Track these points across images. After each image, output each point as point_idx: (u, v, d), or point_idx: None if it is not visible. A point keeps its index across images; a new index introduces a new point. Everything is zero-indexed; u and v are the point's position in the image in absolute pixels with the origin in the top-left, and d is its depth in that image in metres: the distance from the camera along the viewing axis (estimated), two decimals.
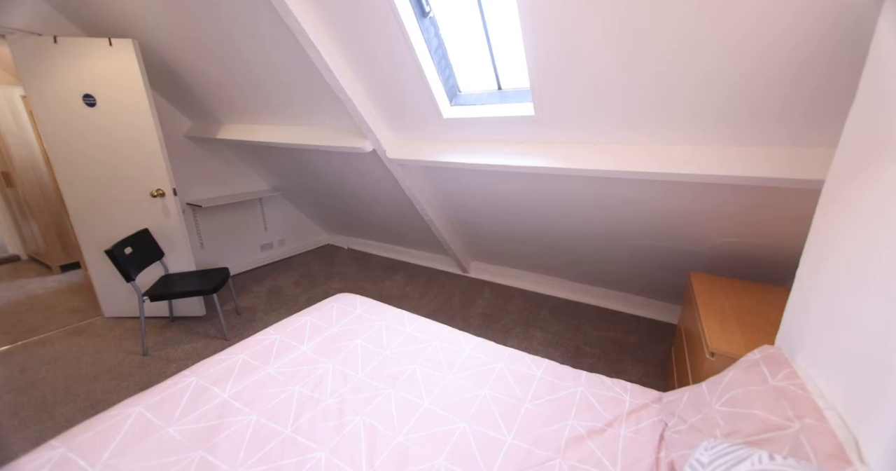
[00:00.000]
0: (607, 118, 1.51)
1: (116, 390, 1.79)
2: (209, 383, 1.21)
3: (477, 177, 2.13)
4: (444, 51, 1.87)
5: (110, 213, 2.28)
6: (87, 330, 2.31)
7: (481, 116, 1.86)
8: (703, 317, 1.32)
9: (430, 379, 1.26)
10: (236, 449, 0.97)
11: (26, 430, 1.55)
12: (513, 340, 2.20)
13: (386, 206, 2.95)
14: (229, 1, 1.72)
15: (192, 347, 2.17)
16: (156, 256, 2.30)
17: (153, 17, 2.01)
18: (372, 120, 2.06)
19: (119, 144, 2.18)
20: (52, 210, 3.04)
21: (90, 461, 0.91)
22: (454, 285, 3.03)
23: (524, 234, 2.49)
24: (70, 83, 2.06)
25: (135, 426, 1.02)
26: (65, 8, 2.19)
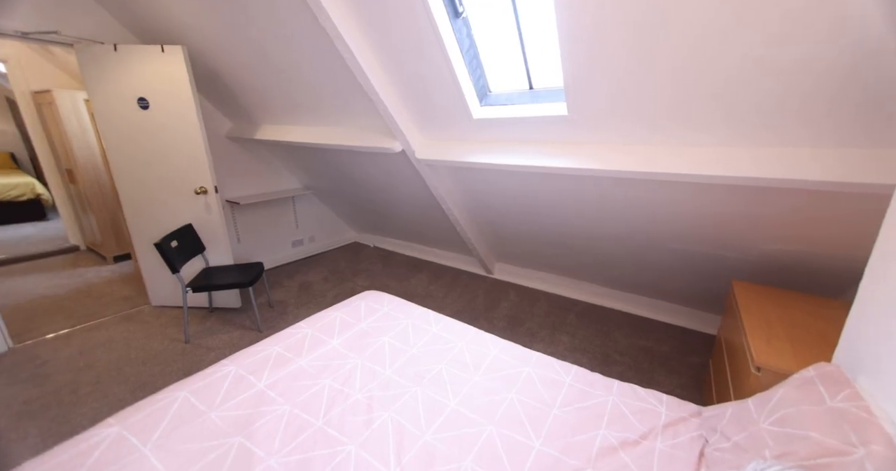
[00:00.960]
0: (644, 118, 1.45)
1: (162, 374, 1.92)
2: (247, 373, 1.27)
3: (505, 177, 2.11)
4: (476, 51, 1.86)
5: (158, 208, 2.44)
6: (137, 317, 2.49)
7: (512, 116, 1.84)
8: (748, 329, 1.24)
9: (456, 379, 1.26)
10: (272, 437, 1.02)
11: (84, 407, 1.69)
12: (538, 345, 2.17)
13: (412, 205, 2.98)
14: (270, 7, 1.79)
15: (228, 336, 2.29)
16: (198, 250, 2.44)
17: (200, 24, 2.13)
18: (402, 120, 2.09)
19: (168, 145, 2.32)
20: (108, 205, 3.29)
21: (142, 440, 0.98)
22: (478, 286, 3.02)
23: (552, 235, 2.44)
24: (126, 87, 2.22)
25: (181, 410, 1.09)
26: (124, 18, 2.37)
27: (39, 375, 1.90)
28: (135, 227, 2.49)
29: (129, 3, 2.20)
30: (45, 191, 4.50)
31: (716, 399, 1.44)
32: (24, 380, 1.86)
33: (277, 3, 1.74)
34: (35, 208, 4.51)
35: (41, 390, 1.79)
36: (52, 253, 3.58)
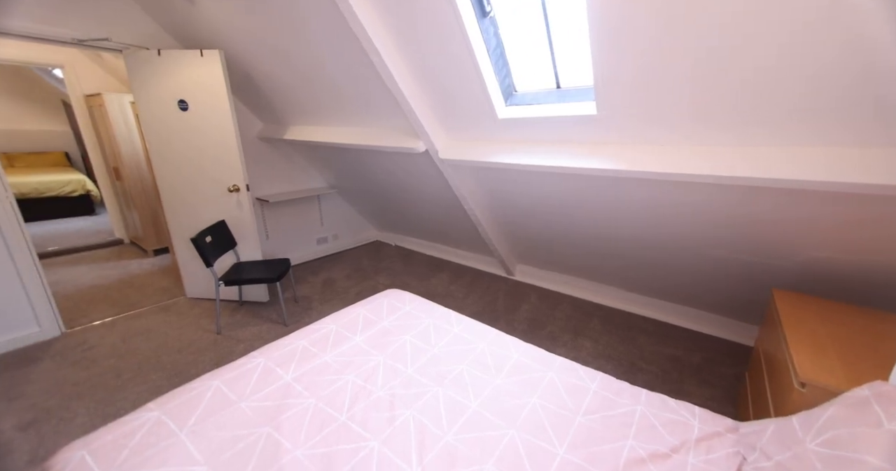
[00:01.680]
0: (676, 118, 1.39)
1: (195, 363, 2.02)
2: (275, 365, 1.31)
3: (529, 178, 2.08)
4: (502, 50, 1.85)
5: (195, 205, 2.57)
6: (173, 308, 2.63)
7: (538, 116, 1.82)
8: (791, 342, 1.16)
9: (477, 381, 1.25)
10: (298, 430, 1.05)
11: (126, 391, 1.80)
12: (560, 349, 2.12)
13: (434, 205, 2.99)
14: (301, 11, 1.85)
15: (256, 329, 2.38)
16: (230, 245, 2.55)
17: (236, 29, 2.22)
18: (426, 121, 2.10)
19: (204, 144, 2.44)
20: (150, 201, 3.50)
21: (179, 426, 1.04)
22: (498, 288, 2.99)
23: (576, 238, 2.38)
24: (168, 90, 2.35)
25: (214, 398, 1.14)
26: (167, 25, 2.50)
27: (87, 358, 2.05)
28: (173, 222, 2.64)
29: (171, 11, 2.33)
30: (94, 187, 4.84)
31: (753, 415, 1.37)
32: (73, 363, 2.01)
33: (308, 7, 1.79)
34: (85, 204, 4.85)
35: (88, 373, 1.92)
36: (99, 246, 3.84)
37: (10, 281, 2.09)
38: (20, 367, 1.97)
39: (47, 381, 1.86)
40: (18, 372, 1.92)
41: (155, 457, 0.93)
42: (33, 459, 1.42)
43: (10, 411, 1.65)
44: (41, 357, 2.05)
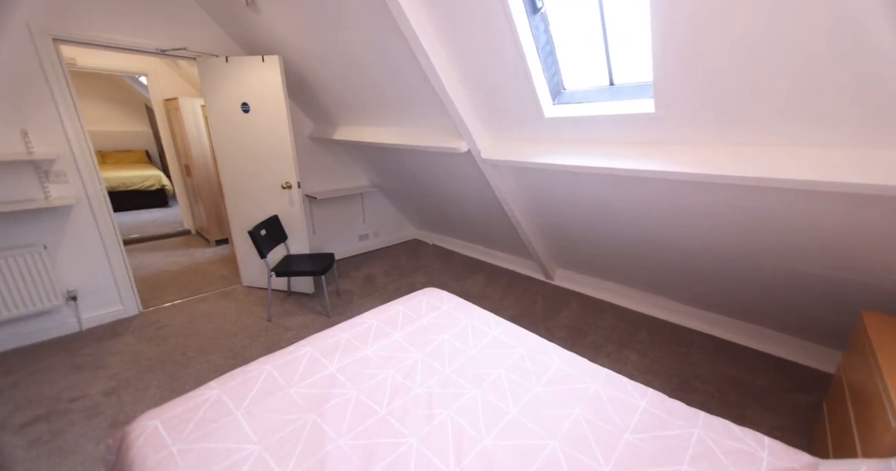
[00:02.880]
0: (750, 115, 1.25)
1: (248, 347, 2.18)
2: (320, 355, 1.37)
3: (575, 180, 1.99)
4: (552, 47, 1.79)
5: (252, 200, 2.77)
6: (231, 294, 2.86)
7: (588, 115, 1.74)
8: (889, 374, 1.00)
9: (516, 387, 1.22)
10: (341, 419, 1.09)
11: (190, 368, 1.99)
12: (603, 360, 2.02)
13: (473, 205, 2.98)
14: (352, 15, 1.92)
15: (303, 319, 2.51)
16: (281, 239, 2.72)
17: (292, 35, 2.36)
18: (470, 121, 2.09)
19: (262, 144, 2.62)
20: (214, 196, 3.84)
21: (236, 405, 1.12)
22: (537, 292, 2.91)
23: (626, 244, 2.25)
24: (233, 94, 2.55)
25: (266, 382, 1.22)
26: (234, 33, 2.72)
27: (159, 336, 2.29)
28: (233, 215, 2.86)
29: (238, 20, 2.52)
30: (168, 182, 5.40)
31: (832, 452, 1.20)
32: (148, 339, 2.25)
33: (358, 9, 1.85)
34: (160, 197, 5.43)
35: (160, 350, 2.15)
36: (171, 235, 4.28)
37: (102, 264, 2.39)
38: (106, 339, 2.24)
39: (127, 354, 2.10)
40: (104, 344, 2.20)
41: (215, 432, 1.02)
42: (114, 422, 1.61)
43: (97, 379, 1.89)
44: (122, 332, 2.32)
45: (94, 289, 2.37)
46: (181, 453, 0.95)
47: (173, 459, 0.93)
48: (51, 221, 2.18)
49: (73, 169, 2.21)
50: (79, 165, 2.23)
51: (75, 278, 2.30)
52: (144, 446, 0.97)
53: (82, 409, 1.68)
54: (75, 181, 2.23)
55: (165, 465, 0.92)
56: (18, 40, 1.97)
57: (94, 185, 2.30)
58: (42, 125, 2.09)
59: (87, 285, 2.34)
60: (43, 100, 2.08)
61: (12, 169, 2.04)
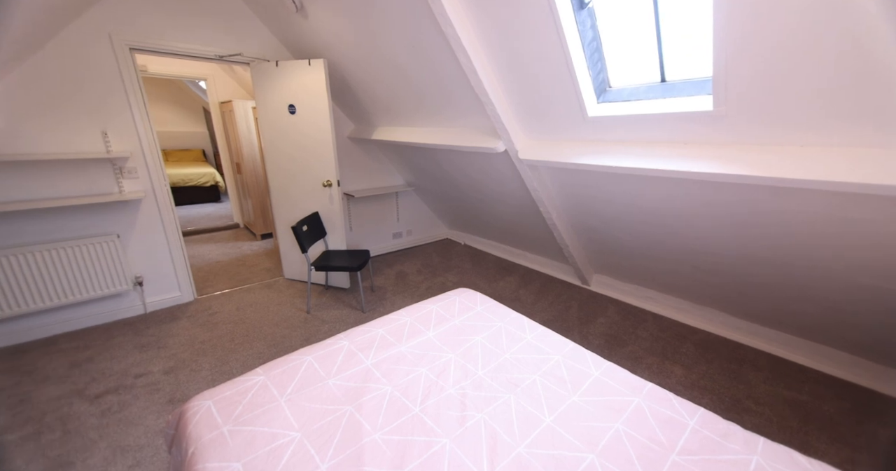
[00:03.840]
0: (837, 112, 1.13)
1: (289, 337, 2.30)
2: (357, 349, 1.42)
3: (620, 182, 1.90)
4: (599, 43, 1.72)
5: (295, 197, 2.91)
6: (274, 286, 3.02)
7: (635, 113, 1.65)
8: None
9: (552, 395, 1.19)
10: (376, 413, 1.11)
11: (237, 353, 2.13)
12: (643, 372, 1.91)
13: (508, 206, 2.93)
14: (394, 17, 1.95)
15: (339, 313, 2.61)
16: (321, 235, 2.84)
17: (337, 38, 2.44)
18: (507, 120, 2.06)
19: (306, 144, 2.74)
20: (261, 193, 4.08)
21: (280, 392, 1.18)
22: (572, 297, 2.82)
23: (672, 252, 2.11)
24: (282, 96, 2.69)
25: (307, 372, 1.27)
26: (284, 38, 2.86)
27: (211, 322, 2.47)
28: (277, 211, 3.02)
29: (288, 26, 2.65)
30: (220, 179, 5.82)
31: None
32: (201, 324, 2.44)
33: (398, 9, 1.88)
34: (214, 193, 5.86)
35: (211, 334, 2.32)
36: (222, 228, 4.60)
37: (164, 253, 2.61)
38: (166, 322, 2.46)
39: (183, 336, 2.29)
40: (165, 326, 2.41)
41: (262, 416, 1.08)
42: (172, 399, 1.76)
43: (159, 358, 2.08)
44: (179, 317, 2.53)
45: (156, 276, 2.61)
46: (231, 433, 1.02)
47: (224, 438, 1.00)
48: (123, 213, 2.42)
49: (143, 166, 2.44)
50: (148, 163, 2.45)
51: (141, 266, 2.54)
52: (199, 425, 1.05)
53: (145, 385, 1.85)
54: (144, 177, 2.46)
55: (218, 443, 0.99)
56: (101, 50, 2.20)
57: (160, 181, 2.52)
58: (118, 126, 2.33)
59: (151, 272, 2.58)
60: (120, 103, 2.31)
61: (94, 166, 2.29)
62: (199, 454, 0.96)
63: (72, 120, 2.19)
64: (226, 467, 0.91)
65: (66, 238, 2.25)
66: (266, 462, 0.94)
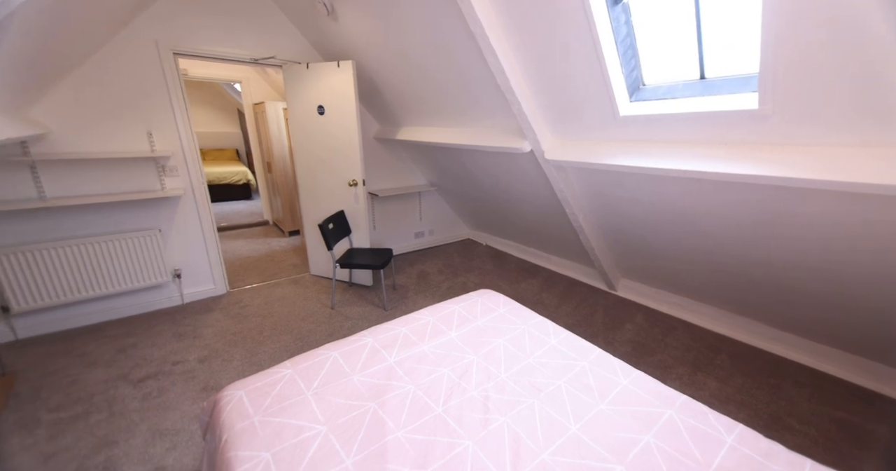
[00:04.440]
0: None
1: (314, 332, 2.36)
2: (380, 347, 1.44)
3: (652, 184, 1.83)
4: (633, 39, 1.66)
5: (322, 196, 2.99)
6: (300, 282, 3.12)
7: (671, 112, 1.58)
8: None
9: (578, 402, 1.16)
10: (399, 412, 1.12)
11: (265, 346, 2.21)
12: (673, 383, 1.83)
13: (532, 207, 2.89)
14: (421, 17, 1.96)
15: (361, 310, 2.66)
16: (346, 233, 2.90)
17: (365, 39, 2.48)
18: (534, 119, 2.02)
19: (334, 144, 2.81)
20: (290, 191, 4.22)
21: (306, 385, 1.21)
22: (597, 301, 2.74)
23: (707, 257, 2.01)
24: (311, 97, 2.77)
25: (333, 367, 1.30)
26: (315, 41, 2.94)
27: (241, 314, 2.58)
28: (305, 209, 3.12)
29: (318, 29, 2.72)
30: (252, 178, 6.06)
31: None
32: (233, 316, 2.55)
33: (425, 9, 1.88)
34: (245, 190, 6.12)
35: (242, 326, 2.42)
36: (252, 225, 4.79)
37: (200, 247, 2.75)
38: (201, 313, 2.59)
39: (216, 327, 2.41)
40: (200, 317, 2.53)
41: (290, 409, 1.11)
42: (206, 387, 1.85)
43: (194, 347, 2.19)
44: (213, 308, 2.66)
45: (193, 269, 2.75)
46: (261, 424, 1.06)
47: (255, 428, 1.04)
48: (164, 208, 2.57)
49: (182, 164, 2.58)
50: (187, 161, 2.59)
51: (180, 259, 2.68)
52: (232, 413, 1.09)
53: (182, 372, 1.96)
54: (184, 175, 2.60)
55: (248, 432, 1.03)
56: (148, 55, 2.34)
57: (198, 178, 2.65)
58: (162, 127, 2.47)
59: (188, 265, 2.72)
60: (163, 105, 2.45)
61: (139, 164, 2.44)
62: (231, 442, 1.00)
63: (120, 121, 2.34)
64: (256, 457, 0.95)
65: (113, 232, 2.41)
66: (293, 454, 0.96)
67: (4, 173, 2.08)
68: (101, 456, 1.44)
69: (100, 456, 1.44)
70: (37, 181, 2.17)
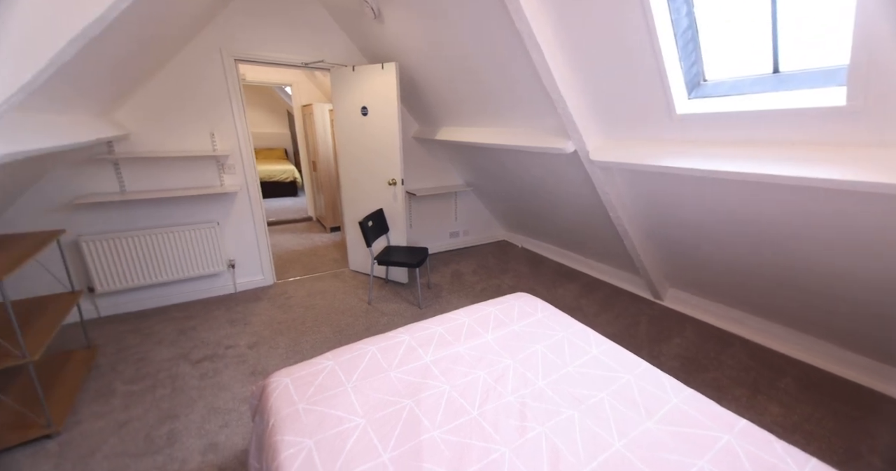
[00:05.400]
0: None
1: (351, 325, 2.45)
2: (417, 345, 1.45)
3: (712, 188, 1.69)
4: (694, 32, 1.54)
5: (363, 194, 3.09)
6: (340, 276, 3.25)
7: (737, 110, 1.46)
8: None
9: (622, 417, 1.10)
10: (435, 411, 1.13)
11: (308, 336, 2.33)
12: (729, 405, 1.68)
13: (573, 209, 2.78)
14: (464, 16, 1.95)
15: (397, 306, 2.71)
16: (384, 231, 2.97)
17: (409, 42, 2.52)
18: (580, 118, 1.94)
19: (375, 144, 2.89)
20: (332, 189, 4.40)
21: (346, 378, 1.26)
22: (641, 311, 2.59)
23: (769, 269, 1.83)
24: (356, 98, 2.86)
25: (371, 362, 1.34)
26: (361, 44, 3.04)
27: (287, 304, 2.73)
28: (346, 206, 3.23)
29: (364, 32, 2.81)
30: (298, 176, 6.41)
31: None
32: (279, 306, 2.71)
33: (469, 7, 1.87)
34: (292, 188, 6.48)
35: (287, 316, 2.57)
36: (297, 220, 5.06)
37: (251, 240, 2.95)
38: (251, 302, 2.78)
39: (264, 316, 2.57)
40: (250, 305, 2.72)
41: (331, 399, 1.16)
42: (254, 371, 1.98)
43: (245, 333, 2.35)
44: (262, 298, 2.84)
45: (245, 260, 2.96)
46: (305, 411, 1.11)
47: (299, 415, 1.10)
48: (222, 203, 2.78)
49: (239, 163, 2.78)
50: (243, 160, 2.78)
51: (234, 250, 2.90)
52: (279, 399, 1.16)
53: (234, 356, 2.11)
54: (240, 173, 2.80)
55: (293, 419, 1.08)
56: (212, 62, 2.55)
57: (252, 176, 2.84)
58: (222, 128, 2.67)
59: (241, 257, 2.93)
60: (224, 108, 2.65)
61: (202, 162, 2.66)
62: (277, 427, 1.06)
63: (188, 123, 2.57)
64: (300, 443, 1.00)
65: (178, 223, 2.65)
66: (333, 444, 1.00)
67: (94, 170, 2.36)
68: (165, 428, 1.59)
69: (164, 428, 1.59)
70: (119, 177, 2.44)
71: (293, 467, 0.93)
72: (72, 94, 1.62)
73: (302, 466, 0.93)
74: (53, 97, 1.48)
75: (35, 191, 2.23)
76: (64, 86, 1.47)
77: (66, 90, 1.53)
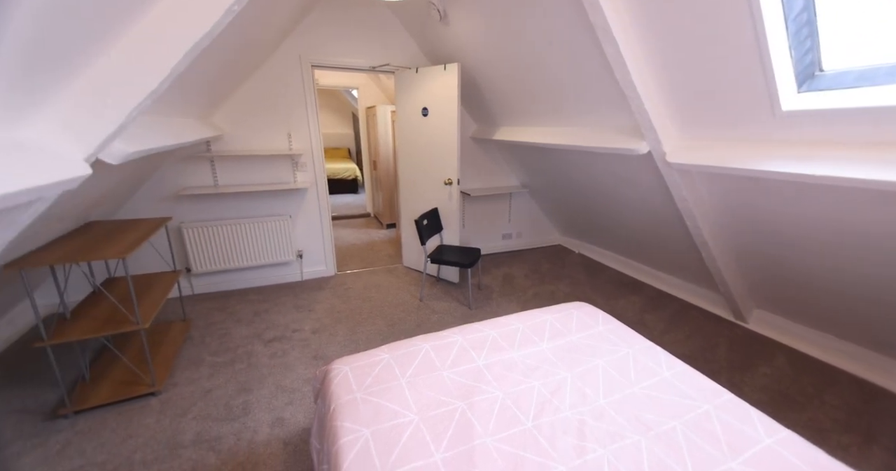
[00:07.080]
0: None
1: (403, 320, 2.52)
2: (469, 347, 1.45)
3: (824, 196, 1.44)
4: (811, 14, 1.32)
5: (419, 193, 3.16)
6: (394, 272, 3.37)
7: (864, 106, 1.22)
8: None
9: (699, 452, 0.98)
10: (487, 417, 1.11)
11: (363, 327, 2.45)
12: (833, 453, 1.42)
13: (641, 215, 2.56)
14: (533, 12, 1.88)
15: (447, 305, 2.73)
16: (437, 230, 3.01)
17: (472, 42, 2.50)
18: (656, 116, 1.77)
19: (434, 144, 2.93)
20: (390, 187, 4.58)
21: (401, 372, 1.29)
22: (719, 333, 2.31)
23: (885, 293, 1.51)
24: (417, 100, 2.93)
25: (424, 359, 1.36)
26: (424, 46, 3.10)
27: (345, 295, 2.90)
28: (403, 205, 3.34)
29: (428, 33, 2.86)
30: (359, 174, 6.77)
31: None
32: (338, 296, 2.89)
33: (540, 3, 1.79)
34: (353, 185, 6.87)
35: (346, 306, 2.72)
36: (357, 216, 5.35)
37: (317, 233, 3.18)
38: (315, 290, 2.99)
39: (326, 304, 2.75)
40: (314, 294, 2.94)
41: (387, 392, 1.20)
42: (316, 356, 2.13)
43: (309, 319, 2.54)
44: (324, 287, 3.05)
45: (311, 251, 3.20)
46: (362, 400, 1.16)
47: (357, 403, 1.15)
48: (294, 198, 3.03)
49: (310, 161, 3.01)
50: (314, 159, 3.01)
51: (302, 242, 3.14)
52: (339, 386, 1.23)
53: (299, 339, 2.30)
54: (310, 171, 3.02)
55: (352, 406, 1.14)
56: (292, 68, 2.78)
57: (321, 174, 3.06)
58: (298, 129, 2.91)
59: (308, 248, 3.18)
60: (300, 110, 2.88)
61: (279, 161, 2.92)
62: (338, 412, 1.12)
63: (270, 125, 2.83)
64: (358, 431, 1.04)
65: (258, 215, 2.94)
66: (389, 436, 1.03)
67: (194, 166, 2.72)
68: (240, 399, 1.78)
69: (240, 398, 1.78)
70: (213, 172, 2.78)
71: (352, 452, 0.97)
72: (179, 99, 1.88)
73: (359, 453, 0.97)
74: (168, 102, 1.72)
75: (153, 182, 2.63)
76: (175, 92, 1.71)
77: (175, 96, 1.78)
